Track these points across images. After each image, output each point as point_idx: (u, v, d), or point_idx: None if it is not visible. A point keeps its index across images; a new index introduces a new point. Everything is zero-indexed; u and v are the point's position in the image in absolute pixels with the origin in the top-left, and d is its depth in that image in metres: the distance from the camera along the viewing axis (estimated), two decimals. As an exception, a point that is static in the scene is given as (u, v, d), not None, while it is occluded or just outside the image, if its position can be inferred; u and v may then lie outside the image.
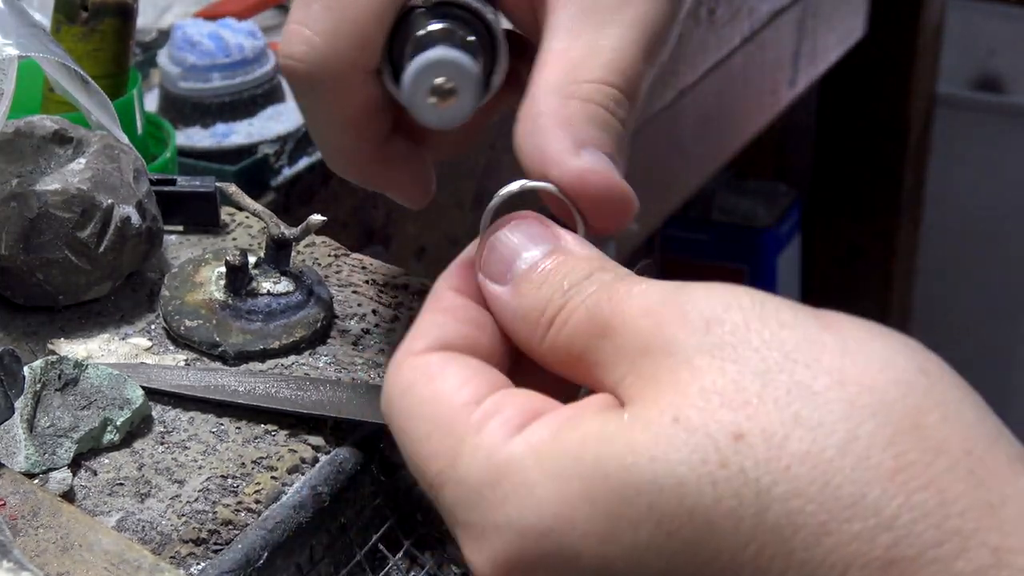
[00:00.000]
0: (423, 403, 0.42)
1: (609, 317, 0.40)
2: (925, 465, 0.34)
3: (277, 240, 0.65)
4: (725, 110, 1.73)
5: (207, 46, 1.04)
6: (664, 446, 0.36)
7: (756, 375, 0.37)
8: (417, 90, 0.44)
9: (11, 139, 0.64)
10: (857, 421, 0.35)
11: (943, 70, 2.32)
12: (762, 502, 0.35)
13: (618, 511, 0.37)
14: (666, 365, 0.38)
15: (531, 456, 0.39)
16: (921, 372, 0.36)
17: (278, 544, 0.53)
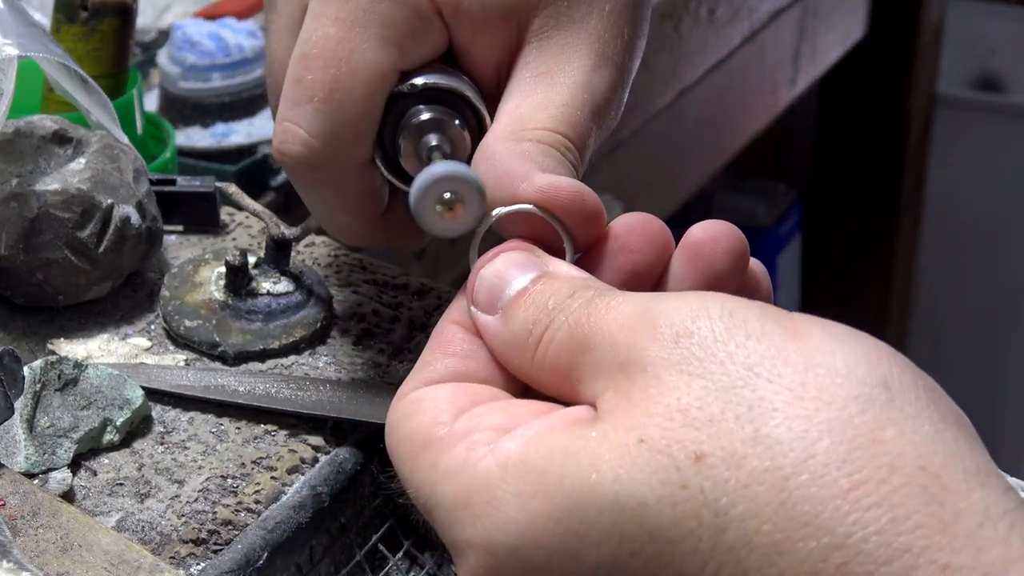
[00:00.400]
0: (405, 441, 0.43)
1: (589, 334, 0.41)
2: (878, 482, 0.35)
3: (277, 240, 0.65)
4: (725, 110, 1.73)
5: (207, 46, 1.04)
6: (628, 466, 0.37)
7: (720, 391, 0.37)
8: (425, 204, 0.46)
9: (11, 139, 0.64)
10: (814, 438, 0.36)
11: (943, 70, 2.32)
12: (720, 523, 0.36)
13: (581, 530, 0.38)
14: (639, 381, 0.39)
15: (498, 473, 0.40)
16: (882, 385, 0.37)
17: (278, 544, 0.53)
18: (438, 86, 0.52)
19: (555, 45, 0.52)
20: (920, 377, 0.38)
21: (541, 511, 0.38)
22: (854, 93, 2.23)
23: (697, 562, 0.36)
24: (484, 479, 0.40)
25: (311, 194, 0.56)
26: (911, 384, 0.37)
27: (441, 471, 0.41)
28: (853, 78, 2.18)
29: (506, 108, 0.52)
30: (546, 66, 0.52)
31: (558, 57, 0.52)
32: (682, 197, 1.72)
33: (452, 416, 0.43)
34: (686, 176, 1.70)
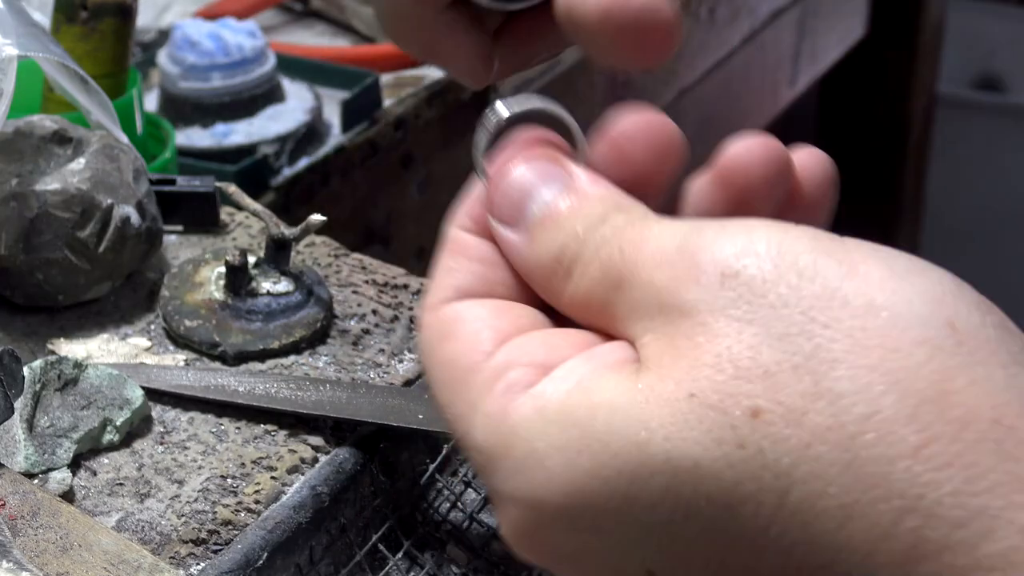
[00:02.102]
0: (442, 367, 0.41)
1: (622, 270, 0.39)
2: (950, 439, 0.33)
3: (277, 240, 0.65)
4: (725, 110, 1.73)
5: (207, 46, 1.04)
6: (680, 424, 0.35)
7: (774, 339, 0.35)
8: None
9: (11, 139, 0.64)
10: (879, 391, 0.34)
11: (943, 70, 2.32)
12: (782, 485, 0.34)
13: (632, 492, 0.36)
14: (682, 327, 0.36)
15: (539, 423, 0.37)
16: (949, 327, 0.35)
17: (278, 544, 0.53)
18: None
19: None
20: (989, 313, 0.36)
21: (588, 469, 0.36)
22: (854, 93, 2.23)
23: (759, 526, 0.34)
24: (524, 428, 0.37)
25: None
26: (979, 323, 0.35)
27: (480, 413, 0.38)
28: (853, 78, 2.18)
29: None
30: None
31: None
32: (682, 197, 1.72)
33: (495, 343, 0.40)
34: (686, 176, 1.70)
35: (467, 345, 0.40)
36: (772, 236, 0.37)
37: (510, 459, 0.38)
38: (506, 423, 0.38)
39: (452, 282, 0.42)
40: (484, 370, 0.39)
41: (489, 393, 0.39)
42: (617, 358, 0.38)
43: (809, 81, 1.92)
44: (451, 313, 0.41)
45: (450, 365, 0.40)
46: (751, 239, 0.37)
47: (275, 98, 1.08)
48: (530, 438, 0.37)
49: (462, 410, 0.40)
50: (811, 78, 1.92)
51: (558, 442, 0.37)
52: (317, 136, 1.09)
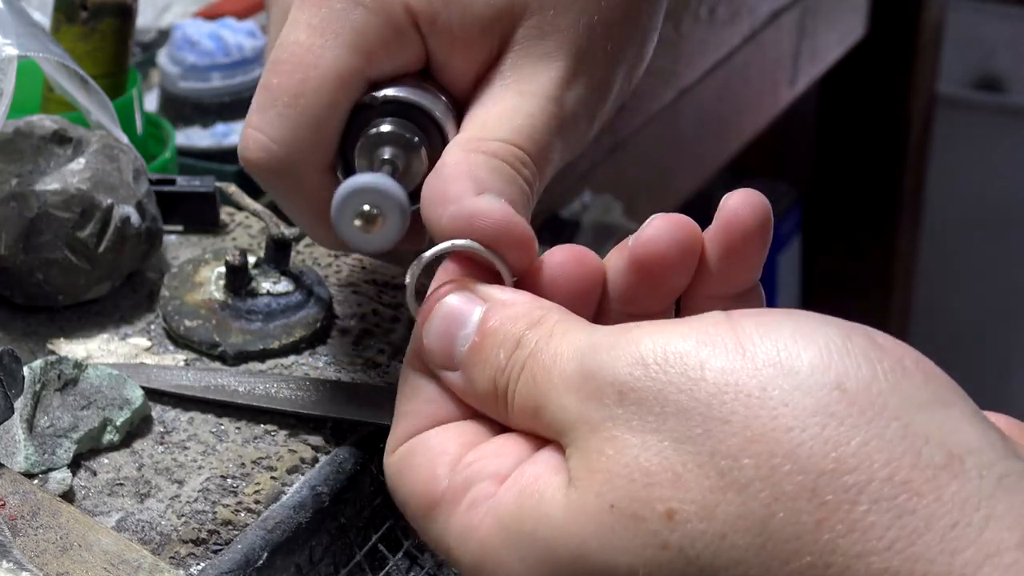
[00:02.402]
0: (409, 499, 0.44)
1: (538, 399, 0.42)
2: (848, 508, 0.35)
3: (277, 240, 0.65)
4: (725, 110, 1.73)
5: (207, 46, 1.04)
6: (608, 535, 0.38)
7: (677, 443, 0.37)
8: (343, 216, 0.45)
9: (11, 139, 0.64)
10: (782, 475, 0.36)
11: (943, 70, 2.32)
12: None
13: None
14: (593, 443, 0.39)
15: (501, 534, 0.41)
16: (838, 390, 0.36)
17: (278, 544, 0.53)
18: (399, 99, 0.51)
19: (533, 55, 0.51)
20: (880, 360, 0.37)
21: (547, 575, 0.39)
22: (854, 93, 2.23)
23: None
24: (490, 543, 0.41)
25: (280, 200, 0.55)
26: (869, 378, 0.36)
27: (452, 533, 0.42)
28: (853, 78, 2.18)
29: (472, 114, 0.51)
30: (519, 75, 0.51)
31: (534, 67, 0.51)
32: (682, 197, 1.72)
33: (447, 467, 0.43)
34: (686, 176, 1.70)
35: (424, 476, 0.44)
36: (657, 343, 0.39)
37: (485, 570, 0.41)
38: (474, 539, 0.42)
39: (405, 427, 0.46)
40: (446, 494, 0.43)
41: (454, 513, 0.42)
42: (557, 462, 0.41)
43: (809, 81, 1.91)
44: (404, 451, 0.45)
45: (414, 497, 0.44)
46: (639, 351, 0.39)
47: (275, 98, 1.08)
48: (495, 550, 0.41)
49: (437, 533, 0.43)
50: (811, 78, 1.92)
51: (518, 553, 0.40)
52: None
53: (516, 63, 0.51)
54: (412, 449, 0.45)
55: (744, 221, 0.45)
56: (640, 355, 0.39)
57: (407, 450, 0.45)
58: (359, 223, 0.45)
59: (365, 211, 0.45)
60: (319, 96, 0.51)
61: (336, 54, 0.51)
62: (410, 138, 0.51)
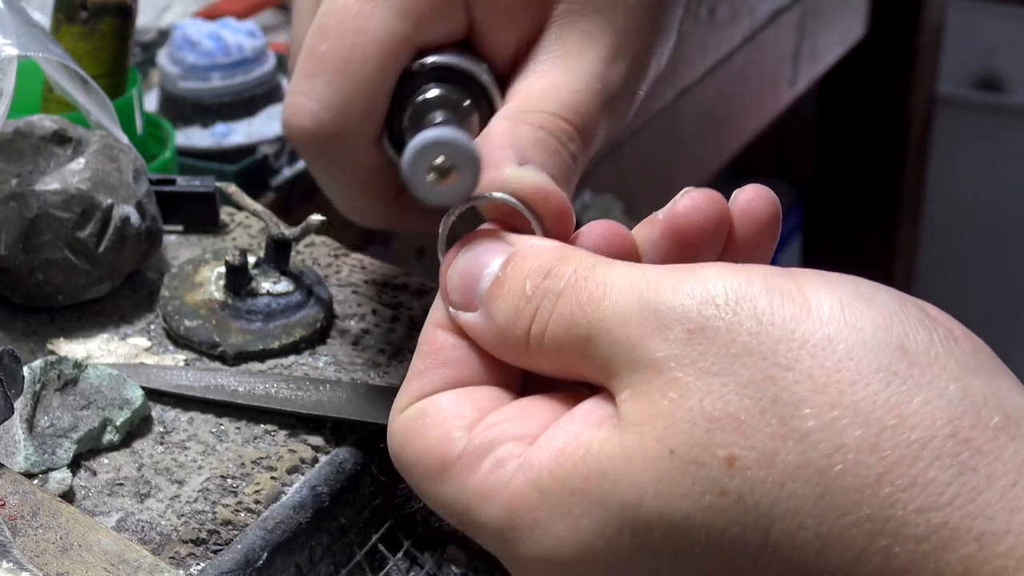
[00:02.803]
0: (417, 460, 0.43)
1: (588, 329, 0.40)
2: (910, 461, 0.35)
3: (277, 240, 0.65)
4: (725, 110, 1.73)
5: (207, 46, 1.04)
6: (666, 482, 0.37)
7: (740, 387, 0.37)
8: (416, 169, 0.45)
9: (11, 139, 0.64)
10: (843, 426, 0.36)
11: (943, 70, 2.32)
12: (763, 525, 0.36)
13: (634, 545, 0.38)
14: (656, 384, 0.38)
15: (535, 494, 0.40)
16: (900, 350, 0.36)
17: (278, 544, 0.53)
18: (449, 65, 0.51)
19: (576, 31, 0.52)
20: (934, 328, 0.37)
21: (592, 529, 0.38)
22: (854, 93, 2.23)
23: (747, 563, 0.37)
24: (523, 501, 0.40)
25: (322, 172, 0.55)
26: (928, 341, 0.37)
27: (472, 492, 0.41)
28: (853, 78, 2.18)
29: (517, 88, 0.51)
30: (564, 50, 0.52)
31: (578, 43, 0.52)
32: (682, 197, 1.71)
33: (464, 429, 0.42)
34: (686, 176, 1.70)
35: (436, 437, 0.42)
36: (728, 284, 0.39)
37: (515, 530, 0.40)
38: (501, 497, 0.40)
39: (418, 386, 0.44)
40: (464, 454, 0.41)
41: (474, 474, 0.41)
42: (598, 416, 0.40)
43: (809, 81, 1.92)
44: (413, 412, 0.44)
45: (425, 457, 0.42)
46: (709, 290, 0.39)
47: (275, 98, 1.08)
48: (530, 509, 0.40)
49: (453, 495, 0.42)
50: (811, 78, 1.92)
51: (560, 509, 0.39)
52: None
53: (560, 39, 0.52)
54: (423, 410, 0.43)
55: (757, 213, 0.45)
56: (711, 294, 0.38)
57: (417, 411, 0.43)
58: (432, 177, 0.45)
59: (438, 164, 0.45)
60: (369, 62, 0.51)
61: (384, 19, 0.50)
62: (460, 101, 0.51)
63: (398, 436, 0.44)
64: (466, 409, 0.43)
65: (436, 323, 0.45)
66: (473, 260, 0.44)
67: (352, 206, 0.57)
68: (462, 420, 0.42)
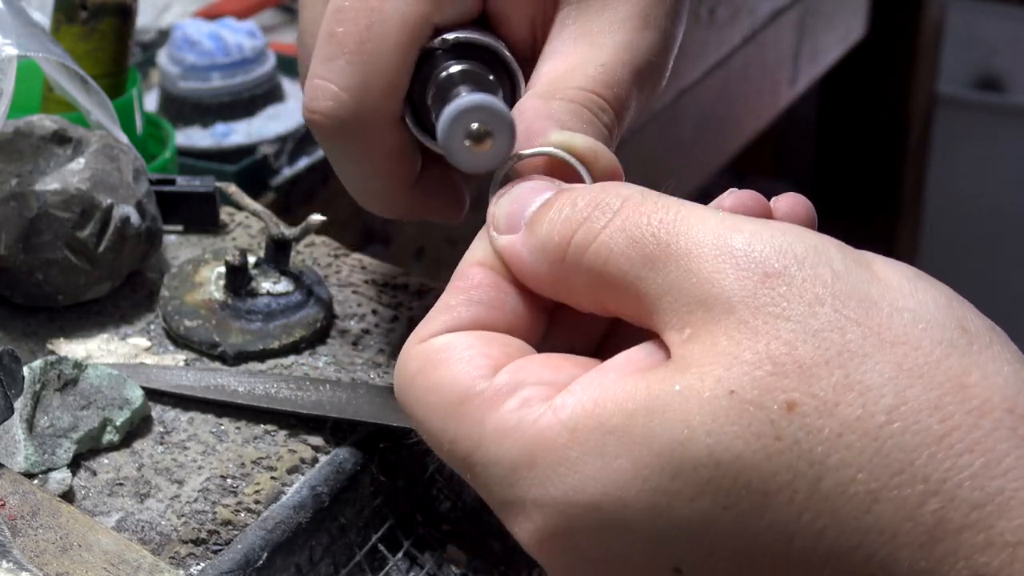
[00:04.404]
0: (431, 392, 0.41)
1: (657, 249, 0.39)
2: (969, 427, 0.35)
3: (277, 240, 0.65)
4: (725, 110, 1.73)
5: (207, 46, 1.04)
6: (721, 421, 0.37)
7: (809, 334, 0.37)
8: (453, 136, 0.45)
9: (10, 139, 0.64)
10: (904, 384, 0.36)
11: (943, 70, 2.32)
12: (815, 473, 0.36)
13: (673, 487, 0.37)
14: (724, 324, 0.38)
15: (565, 433, 0.38)
16: (960, 328, 0.37)
17: (278, 544, 0.53)
18: (471, 41, 0.51)
19: (594, 7, 0.51)
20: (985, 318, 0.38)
21: (626, 470, 0.37)
22: (854, 93, 2.23)
23: (792, 512, 0.36)
24: (551, 438, 0.38)
25: (341, 156, 0.54)
26: (984, 326, 0.38)
27: (490, 429, 0.39)
28: (853, 78, 2.18)
29: (543, 70, 0.51)
30: (586, 27, 0.51)
31: (599, 18, 0.51)
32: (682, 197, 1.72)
33: (489, 369, 0.41)
34: (686, 176, 1.70)
35: (460, 370, 0.41)
36: (808, 239, 0.39)
37: (536, 468, 0.39)
38: (524, 434, 0.39)
39: (446, 319, 0.43)
40: (486, 391, 0.40)
41: (496, 410, 0.40)
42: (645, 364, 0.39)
43: (809, 81, 1.91)
44: (438, 344, 0.42)
45: (440, 391, 0.41)
46: (788, 242, 0.39)
47: (275, 98, 1.08)
48: (557, 447, 0.38)
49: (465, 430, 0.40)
50: (811, 78, 1.92)
51: (592, 448, 0.38)
52: (317, 136, 1.09)
53: (580, 16, 0.51)
54: (450, 343, 0.42)
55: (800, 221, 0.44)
56: (790, 245, 0.38)
57: (443, 343, 0.42)
58: (468, 142, 0.45)
59: (475, 129, 0.44)
60: (388, 41, 0.50)
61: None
62: (484, 76, 0.50)
63: (414, 364, 0.42)
64: (494, 350, 0.41)
65: (474, 260, 0.44)
66: (523, 190, 0.44)
67: (370, 193, 0.56)
68: (489, 359, 0.41)
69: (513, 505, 0.40)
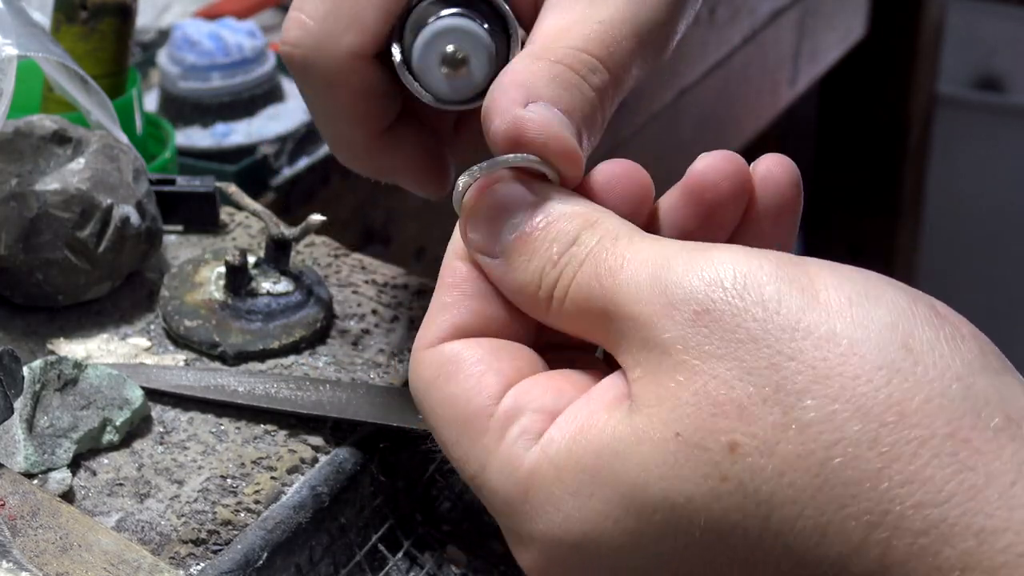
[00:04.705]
0: (445, 405, 0.43)
1: (605, 303, 0.41)
2: (909, 458, 0.35)
3: (277, 240, 0.65)
4: (725, 110, 1.73)
5: (207, 46, 1.04)
6: (671, 465, 0.37)
7: (744, 373, 0.37)
8: (428, 59, 0.44)
9: (10, 139, 0.64)
10: (843, 419, 0.36)
11: (943, 70, 2.32)
12: (763, 512, 0.36)
13: (639, 528, 0.38)
14: (664, 365, 0.39)
15: (551, 471, 0.40)
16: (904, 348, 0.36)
17: (278, 544, 0.53)
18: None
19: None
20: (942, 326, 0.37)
21: (600, 510, 0.39)
22: (854, 93, 2.23)
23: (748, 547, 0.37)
24: (540, 476, 0.40)
25: (308, 92, 0.53)
26: (933, 339, 0.37)
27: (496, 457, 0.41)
28: (853, 78, 2.18)
29: (540, 27, 0.49)
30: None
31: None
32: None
33: (499, 387, 0.42)
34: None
35: (471, 388, 0.42)
36: (738, 268, 0.39)
37: (528, 503, 0.40)
38: (521, 471, 0.40)
39: (448, 319, 0.44)
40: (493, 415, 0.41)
41: (502, 440, 0.41)
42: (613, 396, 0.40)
43: (809, 81, 1.91)
44: (450, 352, 0.43)
45: (453, 406, 0.42)
46: (718, 273, 0.39)
47: (275, 98, 1.08)
48: (545, 485, 0.40)
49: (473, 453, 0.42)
50: (811, 78, 1.92)
51: (571, 487, 0.39)
52: (317, 136, 1.09)
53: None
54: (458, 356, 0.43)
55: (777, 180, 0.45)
56: (719, 277, 0.38)
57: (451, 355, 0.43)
58: (445, 69, 0.44)
59: (450, 52, 0.43)
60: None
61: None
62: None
63: (427, 374, 0.43)
64: (504, 365, 0.42)
65: (457, 254, 0.45)
66: (498, 206, 0.44)
67: (337, 138, 0.55)
68: (499, 376, 0.42)
69: (512, 533, 0.42)
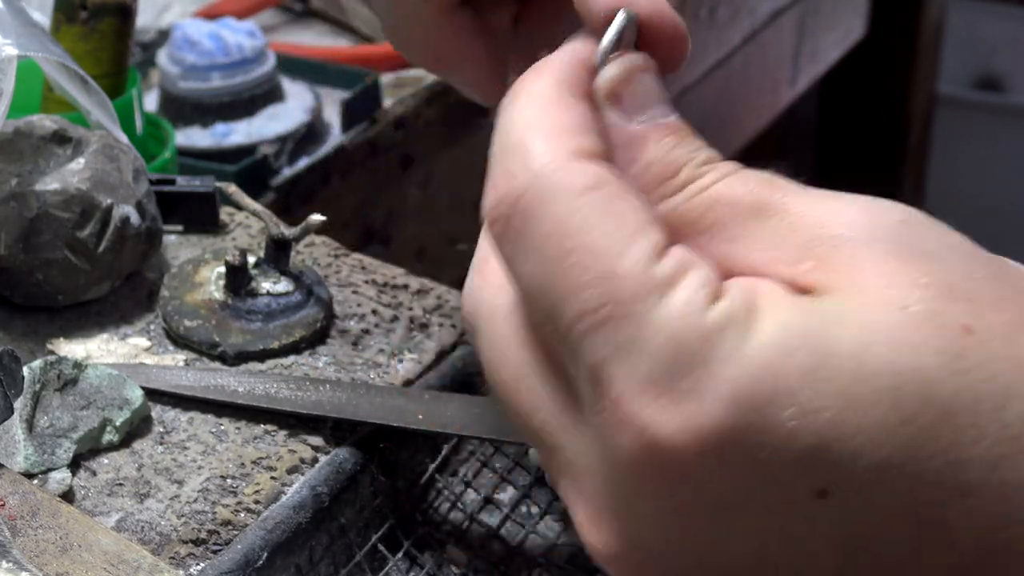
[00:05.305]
0: (594, 251, 0.37)
1: (774, 201, 0.41)
2: None
3: (277, 240, 0.65)
4: (725, 110, 1.73)
5: (207, 46, 1.04)
6: (901, 331, 0.35)
7: (959, 276, 0.37)
8: None
9: (10, 139, 0.64)
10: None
11: (943, 70, 2.32)
12: (999, 400, 0.34)
13: (849, 391, 0.34)
14: (866, 257, 0.37)
15: (738, 327, 0.35)
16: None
17: (278, 544, 0.53)
18: None
19: None
20: None
21: (799, 367, 0.35)
22: (854, 93, 2.23)
23: (970, 437, 0.34)
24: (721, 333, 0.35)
25: None
26: None
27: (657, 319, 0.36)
28: (853, 78, 2.18)
29: None
30: None
31: None
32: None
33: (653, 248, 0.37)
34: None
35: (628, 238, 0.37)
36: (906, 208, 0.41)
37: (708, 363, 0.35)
38: (699, 328, 0.35)
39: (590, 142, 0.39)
40: (655, 273, 0.36)
41: (669, 298, 0.36)
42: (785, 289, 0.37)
43: (809, 81, 1.92)
44: (601, 180, 0.38)
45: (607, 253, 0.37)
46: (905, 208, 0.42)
47: (275, 98, 1.08)
48: (729, 339, 0.35)
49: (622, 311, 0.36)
50: (811, 78, 1.92)
51: (770, 342, 0.35)
52: (317, 136, 1.09)
53: None
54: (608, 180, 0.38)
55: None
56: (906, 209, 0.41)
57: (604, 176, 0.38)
58: None
59: None
60: None
61: None
62: None
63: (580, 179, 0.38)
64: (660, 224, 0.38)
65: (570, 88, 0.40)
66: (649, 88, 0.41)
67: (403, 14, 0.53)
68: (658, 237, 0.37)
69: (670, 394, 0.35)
